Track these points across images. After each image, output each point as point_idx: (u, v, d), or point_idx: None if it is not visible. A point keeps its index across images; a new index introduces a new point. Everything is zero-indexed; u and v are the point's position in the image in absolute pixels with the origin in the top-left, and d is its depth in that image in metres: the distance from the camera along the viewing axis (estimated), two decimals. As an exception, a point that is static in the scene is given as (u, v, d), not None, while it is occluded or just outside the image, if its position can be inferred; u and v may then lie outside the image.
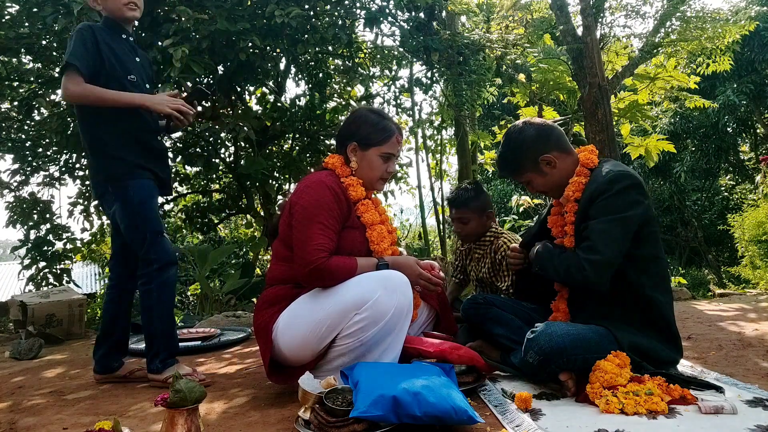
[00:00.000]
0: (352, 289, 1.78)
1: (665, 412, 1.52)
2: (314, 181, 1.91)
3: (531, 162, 1.94)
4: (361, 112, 2.07)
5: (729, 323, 3.04)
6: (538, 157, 1.92)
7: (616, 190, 1.76)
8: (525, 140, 1.94)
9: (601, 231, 1.74)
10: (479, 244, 2.67)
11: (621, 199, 1.75)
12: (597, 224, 1.76)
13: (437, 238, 7.56)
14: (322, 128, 5.86)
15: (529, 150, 1.93)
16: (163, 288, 2.23)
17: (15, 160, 5.42)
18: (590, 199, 1.81)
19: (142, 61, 2.38)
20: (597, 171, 1.88)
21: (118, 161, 2.22)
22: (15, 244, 5.61)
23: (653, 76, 6.13)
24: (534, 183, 1.98)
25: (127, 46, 2.30)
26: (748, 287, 6.63)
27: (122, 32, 2.30)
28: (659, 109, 11.78)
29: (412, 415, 1.41)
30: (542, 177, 1.95)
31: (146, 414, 1.85)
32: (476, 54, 5.13)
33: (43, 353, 3.23)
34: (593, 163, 1.91)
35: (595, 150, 1.97)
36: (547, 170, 1.94)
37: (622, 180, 1.77)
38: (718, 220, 12.70)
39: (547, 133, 1.95)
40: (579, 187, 1.88)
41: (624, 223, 1.75)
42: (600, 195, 1.78)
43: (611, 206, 1.75)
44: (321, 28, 4.36)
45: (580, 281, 1.78)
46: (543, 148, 1.92)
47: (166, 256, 2.23)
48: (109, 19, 2.27)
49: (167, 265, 2.24)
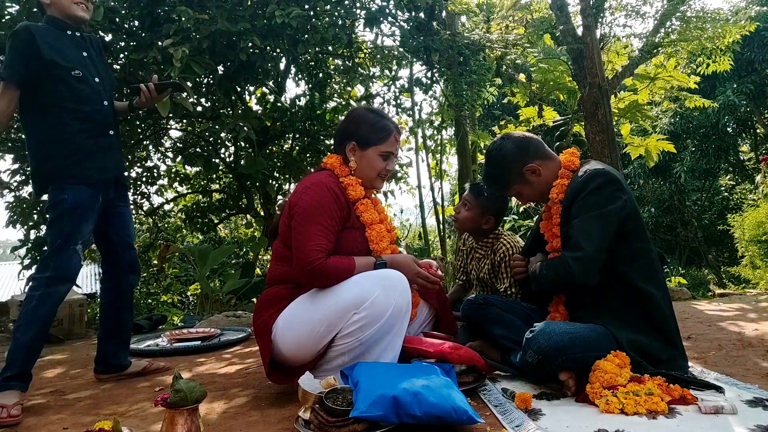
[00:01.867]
0: (350, 288, 1.78)
1: (665, 412, 1.52)
2: (314, 182, 1.91)
3: (516, 175, 1.99)
4: (360, 112, 2.07)
5: (729, 323, 3.04)
6: (522, 168, 1.97)
7: (592, 188, 1.80)
8: (506, 155, 1.99)
9: (581, 228, 1.78)
10: (481, 245, 2.67)
11: (598, 196, 1.79)
12: (578, 222, 1.80)
13: (437, 238, 7.56)
14: (322, 128, 5.86)
15: (512, 163, 1.98)
16: (45, 299, 2.06)
17: (15, 160, 5.43)
18: (570, 199, 1.86)
19: (93, 57, 2.30)
20: (577, 173, 1.92)
21: (49, 167, 2.15)
22: (15, 244, 5.60)
23: (653, 76, 6.13)
24: (524, 194, 2.04)
25: (74, 43, 2.23)
26: (748, 287, 6.63)
27: (67, 29, 2.22)
28: (659, 109, 11.77)
29: (413, 414, 1.41)
30: (530, 186, 2.00)
31: (146, 414, 1.85)
32: (476, 54, 5.13)
33: (43, 353, 3.22)
34: (575, 165, 1.96)
35: (576, 152, 2.02)
36: (534, 179, 1.98)
37: (596, 178, 1.81)
38: (718, 220, 12.69)
39: (525, 144, 2.00)
40: (562, 189, 1.93)
41: (603, 219, 1.78)
42: (578, 194, 1.82)
43: (589, 204, 1.79)
44: (321, 28, 4.36)
45: (568, 280, 1.80)
46: (525, 159, 1.97)
47: (62, 269, 2.10)
48: (54, 17, 2.20)
49: (60, 279, 2.09)
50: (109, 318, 2.41)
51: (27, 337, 2.01)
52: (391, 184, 6.54)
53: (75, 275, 2.15)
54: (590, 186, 1.81)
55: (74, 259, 2.13)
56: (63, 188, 2.13)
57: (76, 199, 2.14)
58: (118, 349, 2.43)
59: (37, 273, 2.12)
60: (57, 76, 2.13)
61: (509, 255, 2.52)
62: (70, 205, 2.12)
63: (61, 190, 2.13)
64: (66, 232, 2.11)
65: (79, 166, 2.17)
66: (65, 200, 2.12)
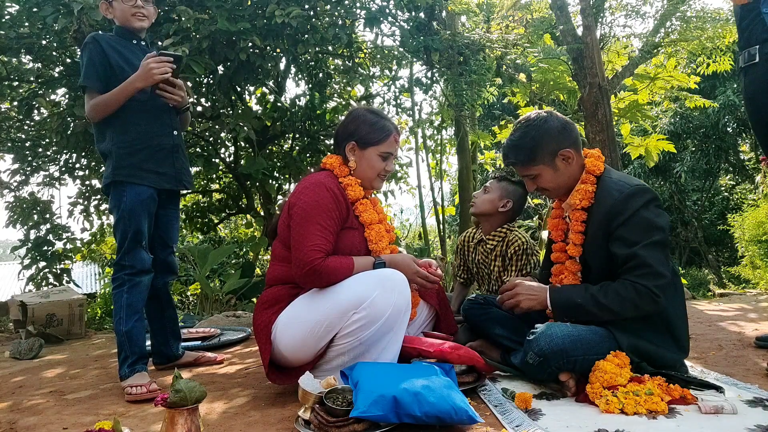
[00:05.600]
0: (349, 288, 1.78)
1: (665, 412, 1.52)
2: (313, 183, 1.91)
3: (549, 154, 1.86)
4: (359, 112, 2.07)
5: (729, 323, 3.04)
6: (558, 150, 1.86)
7: (638, 207, 1.73)
8: (549, 130, 1.86)
9: (653, 256, 1.70)
10: (492, 236, 2.61)
11: (649, 215, 1.73)
12: (644, 250, 1.70)
13: (437, 238, 7.56)
14: (322, 128, 5.86)
15: (552, 140, 1.86)
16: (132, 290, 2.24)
17: (15, 160, 5.43)
18: (609, 214, 1.77)
19: None
20: (606, 182, 1.84)
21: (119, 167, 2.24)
22: (15, 244, 5.61)
23: (653, 76, 6.13)
24: (542, 177, 1.90)
25: (139, 50, 2.37)
26: (748, 287, 6.64)
27: (133, 38, 2.38)
28: (659, 109, 11.78)
29: (413, 414, 1.41)
30: (553, 172, 1.89)
31: (146, 414, 1.85)
32: (476, 54, 5.13)
33: (43, 353, 3.23)
34: (599, 170, 1.88)
35: (601, 156, 1.93)
36: (561, 166, 1.88)
37: (639, 195, 1.75)
38: (718, 220, 12.71)
39: (571, 127, 1.91)
40: (586, 196, 1.85)
41: (665, 241, 1.74)
42: (619, 212, 1.75)
43: (643, 225, 1.72)
44: (321, 28, 4.36)
45: (652, 308, 1.72)
46: (565, 142, 1.87)
47: (140, 264, 2.25)
48: (120, 27, 2.37)
49: (140, 273, 2.26)
50: (152, 314, 2.51)
51: (129, 327, 2.18)
52: (391, 184, 6.53)
53: (150, 268, 2.31)
54: (635, 205, 1.73)
55: (144, 254, 2.28)
56: (125, 188, 2.24)
57: (138, 199, 2.25)
58: (168, 339, 2.55)
59: (116, 273, 2.26)
60: (125, 79, 2.23)
61: (522, 249, 2.51)
62: (132, 205, 2.24)
63: (124, 191, 2.24)
64: (130, 233, 2.23)
65: (144, 165, 2.28)
66: (128, 200, 2.23)
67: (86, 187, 5.81)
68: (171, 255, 2.53)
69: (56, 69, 4.92)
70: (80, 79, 2.25)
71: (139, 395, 2.01)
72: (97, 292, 7.34)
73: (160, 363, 2.57)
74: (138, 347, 2.19)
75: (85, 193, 5.81)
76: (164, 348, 2.55)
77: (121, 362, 2.18)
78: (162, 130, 2.33)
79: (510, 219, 2.61)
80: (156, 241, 2.41)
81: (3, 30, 4.21)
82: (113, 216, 2.29)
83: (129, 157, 2.24)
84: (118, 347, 2.20)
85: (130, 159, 2.24)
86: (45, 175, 5.69)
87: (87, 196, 5.82)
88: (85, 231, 5.94)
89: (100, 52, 2.23)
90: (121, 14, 2.33)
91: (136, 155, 2.25)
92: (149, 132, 2.29)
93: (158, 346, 2.55)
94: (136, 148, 2.25)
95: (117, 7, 2.32)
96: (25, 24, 4.28)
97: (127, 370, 2.15)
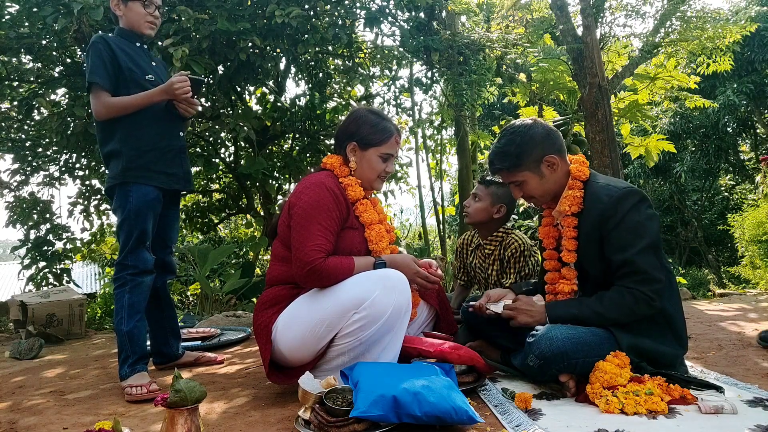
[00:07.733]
0: (350, 288, 1.78)
1: (665, 412, 1.52)
2: (313, 183, 1.91)
3: (534, 160, 1.89)
4: (361, 113, 2.07)
5: (729, 323, 3.04)
6: (543, 156, 1.88)
7: (627, 210, 1.74)
8: (534, 136, 1.89)
9: (647, 261, 1.72)
10: (489, 240, 2.61)
11: (640, 217, 1.74)
12: (638, 256, 1.72)
13: (437, 238, 7.56)
14: (322, 128, 5.86)
15: (537, 147, 1.88)
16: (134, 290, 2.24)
17: (15, 160, 5.43)
18: (600, 219, 1.78)
19: (157, 64, 2.50)
20: (593, 187, 1.86)
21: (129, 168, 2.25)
22: (15, 244, 5.61)
23: (653, 76, 6.12)
24: (528, 184, 1.92)
25: (142, 52, 2.41)
26: (748, 287, 6.64)
27: (136, 41, 2.41)
28: (659, 109, 11.79)
29: (413, 414, 1.41)
30: (539, 179, 1.90)
31: (146, 414, 1.85)
32: (476, 54, 5.13)
33: (43, 353, 3.23)
34: (585, 176, 1.89)
35: (585, 162, 1.94)
36: (547, 172, 1.90)
37: (627, 198, 1.76)
38: (718, 220, 12.72)
39: (556, 134, 1.93)
40: (575, 201, 1.86)
41: (657, 242, 1.75)
42: (610, 217, 1.76)
43: (635, 227, 1.74)
44: (321, 28, 4.36)
45: (649, 312, 1.74)
46: (550, 148, 1.89)
47: (143, 264, 2.26)
48: (125, 29, 2.38)
49: (143, 273, 2.26)
50: (152, 314, 2.51)
51: (130, 327, 2.19)
52: (391, 184, 6.53)
53: (152, 268, 2.31)
54: (625, 208, 1.75)
55: (147, 254, 2.28)
56: (131, 189, 2.24)
57: (144, 199, 2.25)
58: (168, 339, 2.56)
59: (118, 272, 2.26)
60: (134, 80, 2.28)
61: (520, 251, 2.51)
62: (138, 205, 2.24)
63: (130, 191, 2.24)
64: (135, 233, 2.23)
65: (154, 166, 2.29)
66: (134, 200, 2.24)
67: (86, 187, 5.81)
68: (170, 255, 2.54)
69: (56, 69, 4.92)
70: (88, 75, 2.24)
71: (139, 395, 2.01)
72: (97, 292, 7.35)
73: (160, 363, 2.57)
74: (139, 347, 2.20)
75: (85, 193, 5.81)
76: (164, 348, 2.55)
77: (121, 362, 2.18)
78: (170, 132, 2.35)
79: (506, 221, 2.62)
80: (156, 241, 2.41)
81: (3, 30, 4.21)
82: (117, 216, 2.29)
83: (139, 158, 2.25)
84: (119, 347, 2.20)
85: (140, 160, 2.25)
86: (45, 175, 5.69)
87: (87, 196, 5.82)
88: (85, 231, 5.94)
89: (109, 51, 2.24)
90: (134, 18, 2.35)
91: (146, 156, 2.26)
92: (159, 133, 2.30)
93: (158, 346, 2.55)
94: (146, 149, 2.26)
95: (132, 10, 2.33)
96: (25, 24, 4.28)
97: (128, 370, 2.15)
